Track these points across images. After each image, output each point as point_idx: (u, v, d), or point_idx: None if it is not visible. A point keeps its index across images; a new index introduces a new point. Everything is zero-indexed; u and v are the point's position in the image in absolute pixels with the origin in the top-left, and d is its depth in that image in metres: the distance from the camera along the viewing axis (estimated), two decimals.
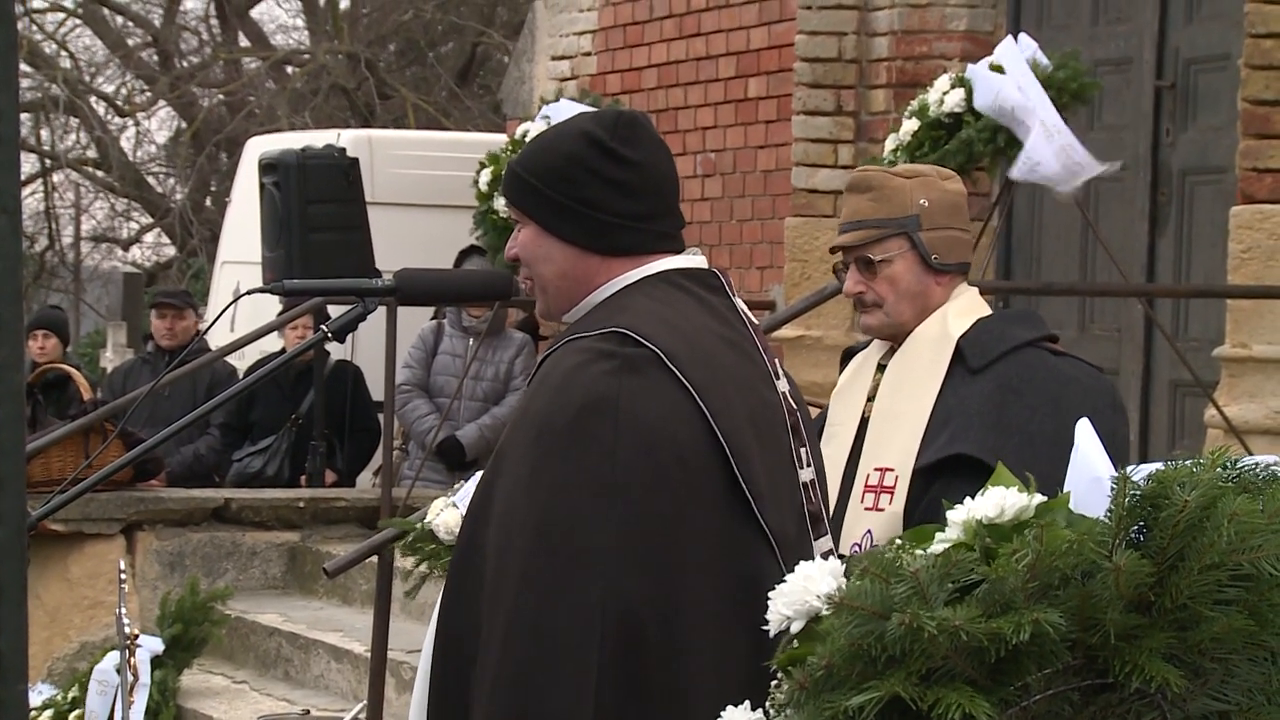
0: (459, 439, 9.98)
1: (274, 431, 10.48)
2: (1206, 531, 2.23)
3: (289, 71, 26.18)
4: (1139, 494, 2.26)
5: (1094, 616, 2.23)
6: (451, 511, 5.24)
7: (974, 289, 4.18)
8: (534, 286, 3.27)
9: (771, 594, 2.39)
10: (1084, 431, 2.48)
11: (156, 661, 7.88)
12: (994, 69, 7.36)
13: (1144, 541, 2.26)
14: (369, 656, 6.82)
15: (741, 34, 10.24)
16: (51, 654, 8.74)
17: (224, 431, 10.60)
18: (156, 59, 26.87)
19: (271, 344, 10.84)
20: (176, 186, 27.02)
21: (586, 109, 7.84)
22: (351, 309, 3.39)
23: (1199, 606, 2.23)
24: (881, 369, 4.13)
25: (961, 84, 7.38)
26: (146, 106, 27.29)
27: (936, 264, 4.06)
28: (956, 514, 2.34)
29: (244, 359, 10.67)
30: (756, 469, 3.09)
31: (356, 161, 9.55)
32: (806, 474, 3.23)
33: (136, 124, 27.51)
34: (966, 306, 4.10)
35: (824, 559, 2.42)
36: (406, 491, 8.89)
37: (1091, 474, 2.40)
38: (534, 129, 9.01)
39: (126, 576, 6.19)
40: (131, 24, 27.30)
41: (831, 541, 3.27)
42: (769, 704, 2.36)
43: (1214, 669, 2.27)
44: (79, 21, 27.07)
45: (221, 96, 26.48)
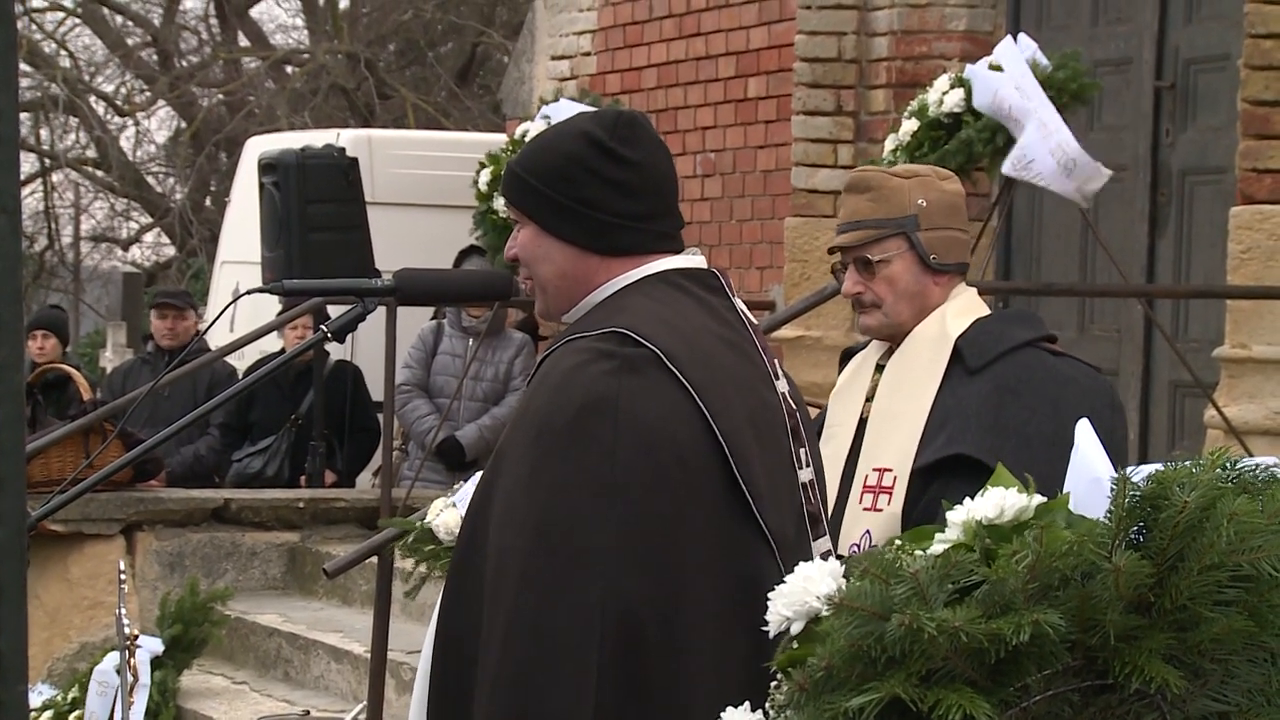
0: (459, 439, 9.98)
1: (274, 432, 10.48)
2: (1206, 532, 2.23)
3: (289, 71, 26.18)
4: (1139, 495, 2.26)
5: (1094, 617, 2.23)
6: (451, 512, 5.24)
7: (972, 289, 4.17)
8: (533, 286, 3.27)
9: (771, 595, 2.39)
10: (1083, 432, 2.48)
11: (156, 662, 7.88)
12: (993, 69, 7.35)
13: (1144, 542, 2.26)
14: (369, 657, 6.81)
15: (741, 34, 10.24)
16: (51, 654, 8.74)
17: (224, 432, 10.60)
18: (156, 59, 26.87)
19: (271, 344, 10.84)
20: (176, 186, 27.02)
21: (586, 109, 7.84)
22: (351, 309, 3.39)
23: (1199, 607, 2.23)
24: (880, 369, 4.13)
25: (961, 84, 7.38)
26: (146, 106, 27.29)
27: (935, 264, 4.06)
28: (956, 515, 2.34)
29: (244, 359, 10.67)
30: (756, 469, 3.09)
31: (356, 161, 9.55)
32: (806, 474, 3.23)
33: (136, 124, 27.52)
34: (965, 307, 4.09)
35: (823, 559, 2.42)
36: (406, 492, 8.89)
37: (1091, 475, 2.40)
38: (534, 129, 9.01)
39: (126, 577, 6.18)
40: (131, 23, 27.30)
41: (830, 542, 3.27)
42: (769, 705, 2.36)
43: (1214, 670, 2.27)
44: (78, 21, 27.07)
45: (221, 96, 26.48)
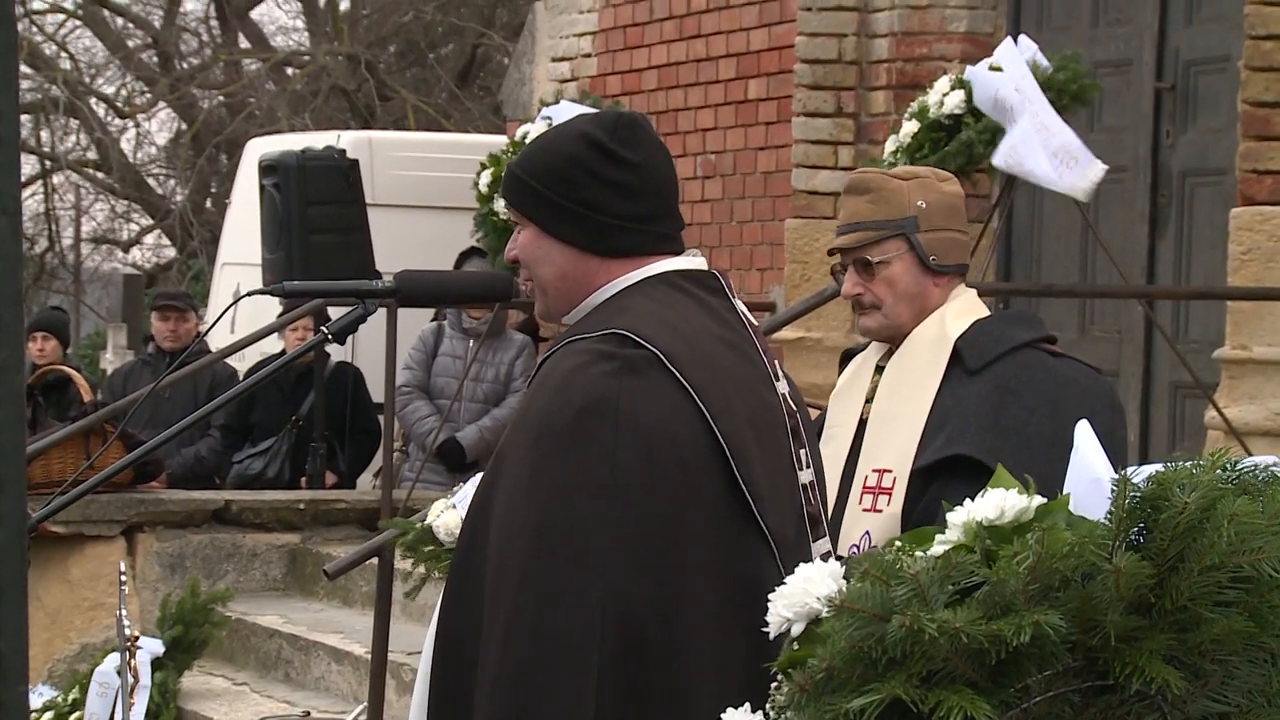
0: (459, 440, 9.98)
1: (274, 433, 10.49)
2: (1206, 533, 2.23)
3: (289, 73, 26.17)
4: (1139, 496, 2.26)
5: (1094, 618, 2.22)
6: (451, 513, 5.24)
7: (972, 290, 4.17)
8: (534, 288, 3.27)
9: (772, 596, 2.39)
10: (1083, 433, 2.47)
11: (157, 663, 7.88)
12: (993, 70, 7.36)
13: (1144, 543, 2.26)
14: (369, 658, 6.81)
15: (742, 35, 10.24)
16: (52, 656, 8.74)
17: (224, 433, 10.60)
18: (156, 60, 26.87)
19: (272, 346, 10.84)
20: (177, 188, 27.02)
21: (586, 110, 7.84)
22: (352, 311, 3.40)
23: (1199, 608, 2.23)
24: (880, 370, 4.13)
25: (961, 85, 7.38)
26: (147, 108, 27.29)
27: (934, 265, 4.06)
28: (956, 516, 2.34)
29: (244, 361, 10.67)
30: (756, 470, 3.09)
31: (356, 163, 9.54)
32: (806, 476, 3.23)
33: (137, 125, 27.52)
34: (964, 308, 4.09)
35: (823, 560, 2.42)
36: (407, 493, 8.88)
37: (1091, 476, 2.40)
38: (534, 130, 9.01)
39: (127, 578, 6.18)
40: (131, 25, 27.31)
41: (830, 543, 3.27)
42: (769, 706, 2.36)
43: (1214, 671, 2.27)
44: (79, 23, 27.07)
45: (221, 98, 26.48)
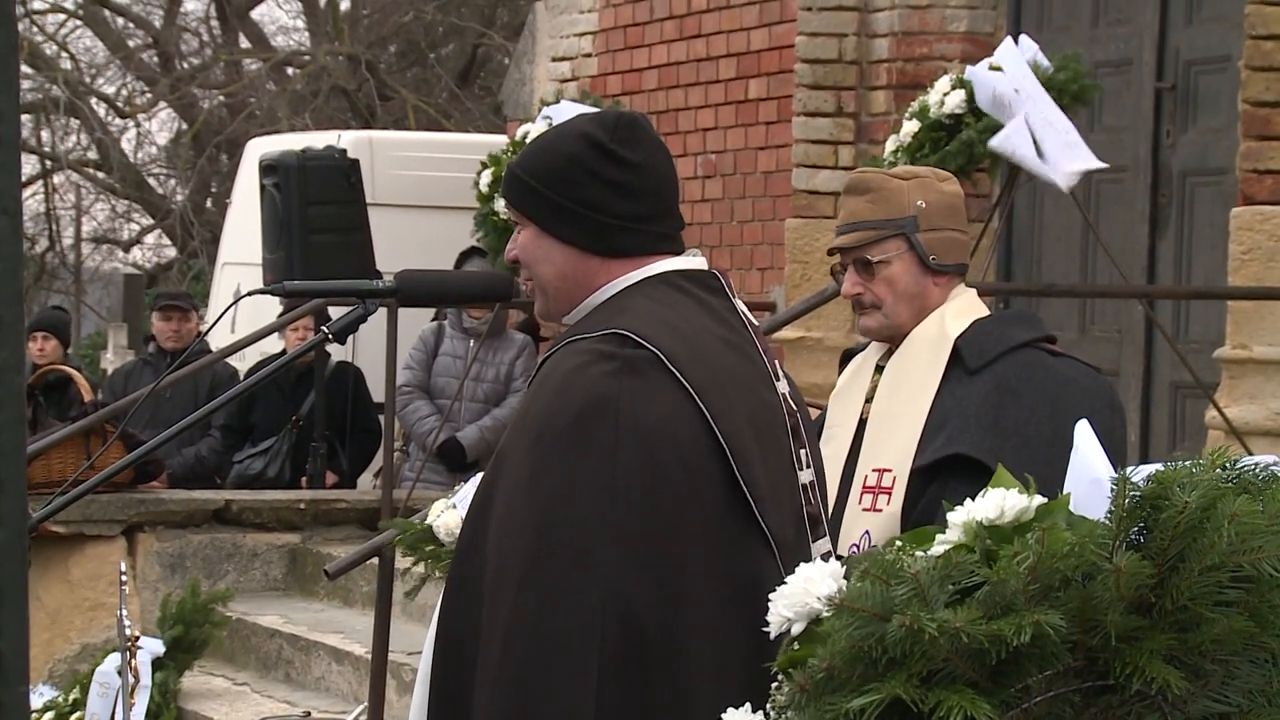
0: (460, 440, 9.98)
1: (275, 433, 10.49)
2: (1207, 533, 2.23)
3: (289, 73, 26.18)
4: (1139, 495, 2.26)
5: (1095, 618, 2.22)
6: (452, 513, 5.24)
7: (971, 290, 4.17)
8: (534, 288, 3.26)
9: (772, 596, 2.38)
10: (1083, 433, 2.47)
11: (157, 663, 7.88)
12: (993, 70, 7.36)
13: (1144, 543, 2.26)
14: (370, 658, 6.81)
15: (742, 35, 10.24)
16: (52, 656, 8.74)
17: (225, 433, 10.60)
18: (157, 60, 26.88)
19: (272, 345, 10.84)
20: (177, 188, 27.03)
21: (587, 110, 7.84)
22: (352, 310, 3.40)
23: (1199, 608, 2.23)
24: (880, 370, 4.13)
25: (962, 85, 7.38)
26: (147, 108, 27.30)
27: (934, 265, 4.06)
28: (957, 515, 2.34)
29: (244, 360, 10.67)
30: (757, 471, 3.09)
31: (357, 163, 9.55)
32: (806, 476, 3.22)
33: (137, 125, 27.54)
34: (964, 307, 4.09)
35: (823, 560, 2.42)
36: (407, 493, 8.88)
37: (1091, 475, 2.39)
38: (534, 130, 9.01)
39: (127, 578, 6.18)
40: (132, 25, 27.32)
41: (830, 543, 3.27)
42: (770, 705, 2.36)
43: (1215, 671, 2.27)
44: (80, 23, 27.08)
45: (222, 98, 26.49)
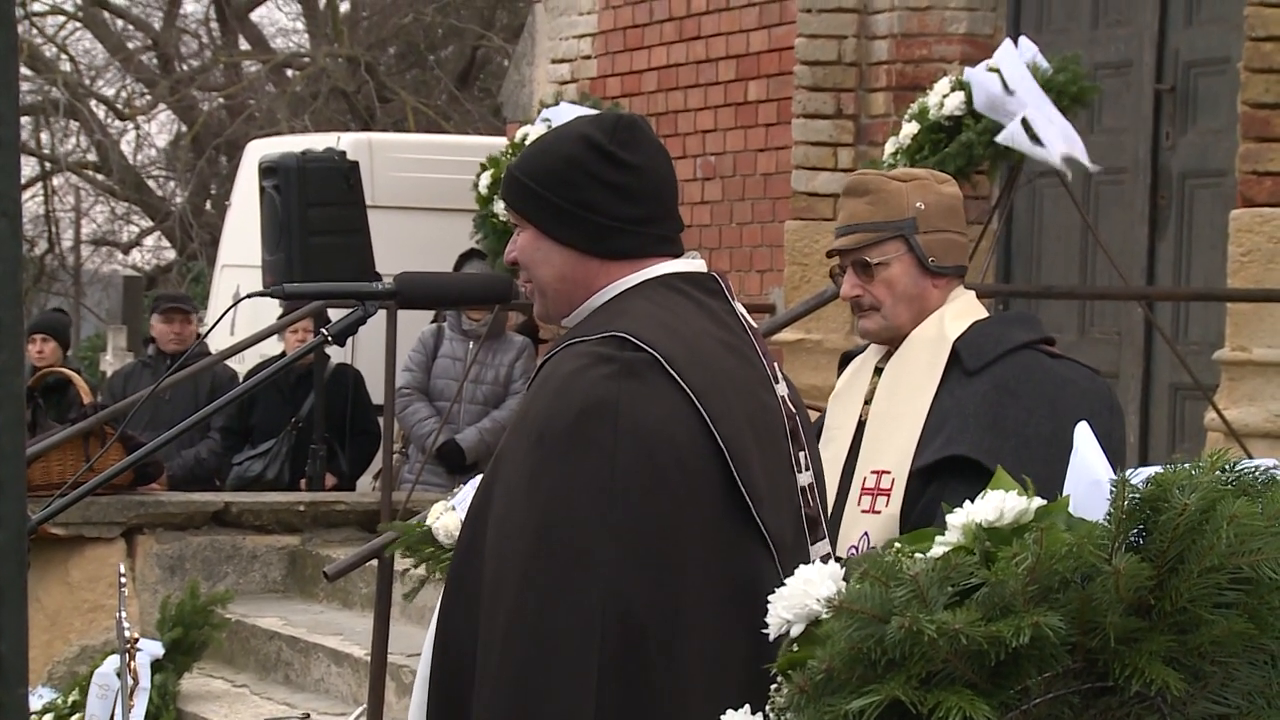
0: (459, 442, 9.98)
1: (274, 435, 10.48)
2: (1206, 534, 2.23)
3: (289, 75, 26.18)
4: (1138, 497, 2.26)
5: (1094, 620, 2.22)
6: (451, 515, 5.24)
7: (970, 292, 4.17)
8: (533, 289, 3.26)
9: (771, 597, 2.38)
10: (1083, 434, 2.47)
11: (157, 665, 7.88)
12: (990, 71, 7.36)
13: (1143, 545, 2.26)
14: (369, 660, 6.81)
15: (741, 37, 10.24)
16: (52, 658, 8.74)
17: (224, 435, 10.60)
18: (156, 62, 26.88)
19: (271, 348, 10.84)
20: (176, 190, 27.03)
21: (586, 112, 7.85)
22: (352, 312, 3.39)
23: (1199, 610, 2.23)
24: (879, 372, 4.13)
25: (961, 87, 7.39)
26: (147, 110, 27.29)
27: (933, 266, 4.06)
28: (956, 517, 2.34)
29: (244, 363, 10.67)
30: (756, 473, 3.09)
31: (356, 165, 9.54)
32: (805, 478, 3.22)
33: (137, 127, 27.53)
34: (963, 309, 4.09)
35: (822, 563, 2.42)
36: (406, 495, 8.88)
37: (1090, 477, 2.39)
38: (534, 132, 9.01)
39: (126, 580, 6.18)
40: (131, 27, 27.32)
41: (829, 545, 3.27)
42: (769, 707, 2.36)
43: (1214, 672, 2.27)
44: (79, 25, 27.07)
45: (221, 100, 26.49)
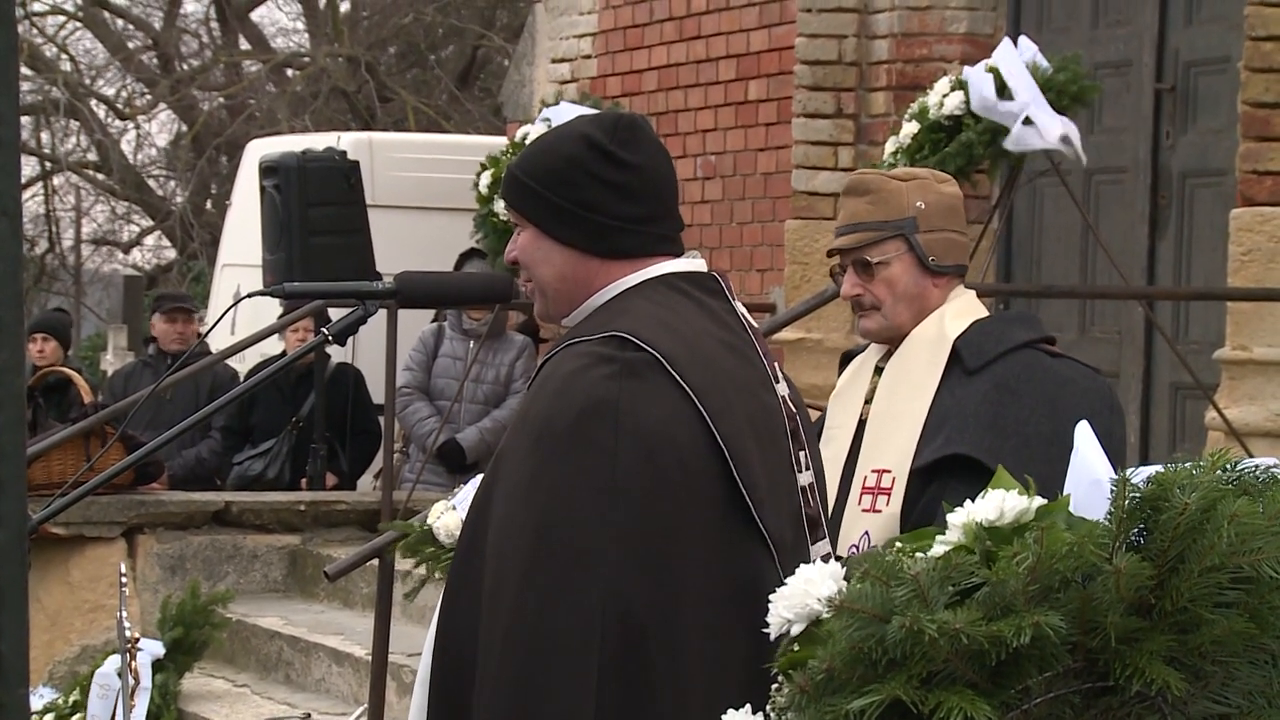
0: (459, 442, 9.98)
1: (275, 434, 10.48)
2: (1207, 534, 2.23)
3: (289, 74, 26.18)
4: (1139, 496, 2.26)
5: (1094, 619, 2.22)
6: (452, 514, 5.24)
7: (971, 291, 4.17)
8: (533, 289, 3.26)
9: (772, 597, 2.38)
10: (1083, 434, 2.47)
11: (157, 665, 7.88)
12: (988, 71, 7.37)
13: (1144, 544, 2.26)
14: (370, 660, 6.81)
15: (741, 37, 10.24)
16: (52, 657, 8.74)
17: (225, 435, 10.60)
18: (157, 62, 26.87)
19: (272, 347, 10.84)
20: (177, 189, 27.03)
21: (587, 111, 7.84)
22: (352, 312, 3.39)
23: (1199, 609, 2.23)
24: (879, 371, 4.13)
25: (961, 87, 7.39)
26: (147, 109, 27.29)
27: (934, 266, 4.06)
28: (956, 517, 2.34)
29: (244, 362, 10.67)
30: (756, 473, 3.09)
31: (357, 164, 9.54)
32: (805, 478, 3.22)
33: (137, 127, 27.54)
34: (963, 308, 4.10)
35: (822, 562, 2.42)
36: (407, 494, 8.89)
37: (1091, 476, 2.39)
38: (534, 132, 9.01)
39: (127, 580, 6.18)
40: (132, 27, 27.32)
41: (829, 545, 3.27)
42: (770, 707, 2.36)
43: (1215, 672, 2.27)
44: (79, 25, 27.07)
45: (222, 100, 26.48)
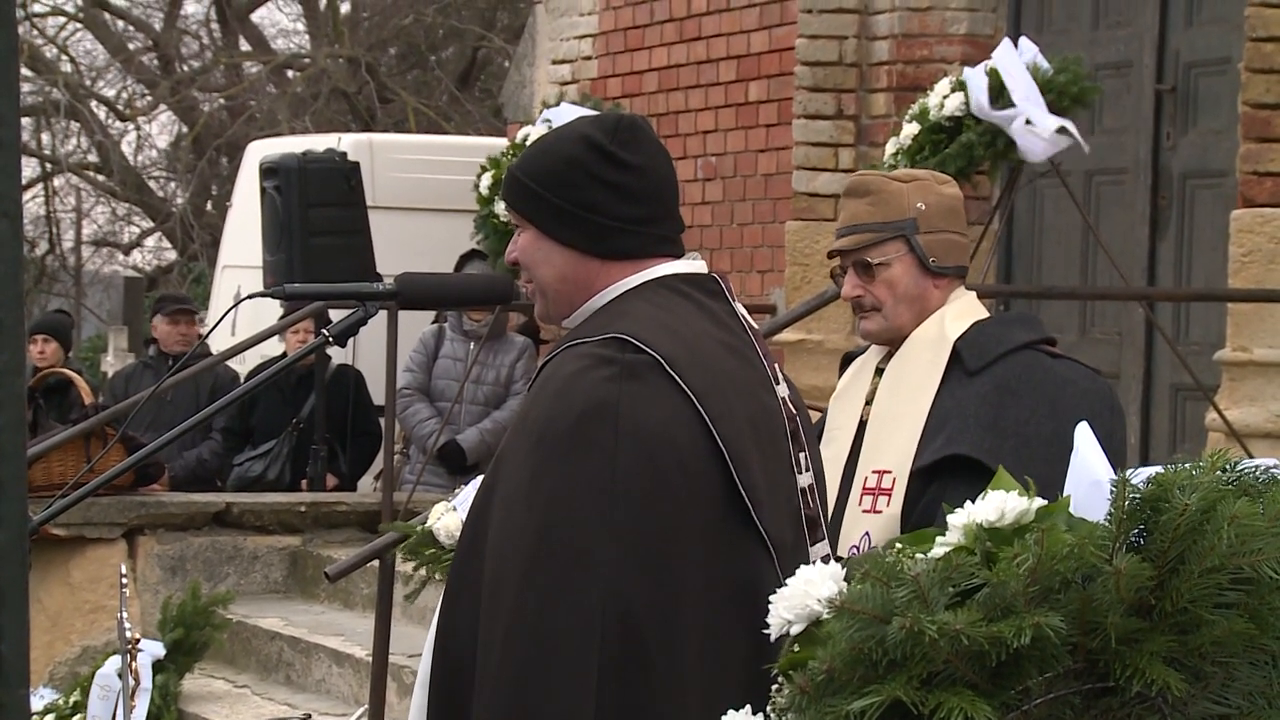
0: (460, 443, 9.98)
1: (275, 436, 10.49)
2: (1207, 535, 2.23)
3: (290, 76, 26.18)
4: (1139, 497, 2.26)
5: (1095, 620, 2.22)
6: (452, 516, 5.23)
7: (971, 292, 4.18)
8: (534, 290, 3.26)
9: (773, 597, 2.38)
10: (1083, 435, 2.47)
11: (158, 666, 7.88)
12: (988, 73, 7.37)
13: (1144, 545, 2.26)
14: (370, 661, 6.81)
15: (742, 38, 10.24)
16: (53, 658, 8.74)
17: (226, 436, 10.60)
18: (157, 63, 26.88)
19: (273, 349, 10.84)
20: (177, 191, 27.03)
21: (587, 113, 7.85)
22: (352, 313, 3.39)
23: (1199, 610, 2.23)
24: (880, 372, 4.13)
25: (961, 88, 7.39)
26: (147, 111, 27.29)
27: (934, 267, 4.06)
28: (957, 517, 2.34)
29: (245, 363, 10.67)
30: (756, 474, 3.09)
31: (357, 165, 9.55)
32: (805, 479, 3.22)
33: (137, 128, 27.53)
34: (964, 309, 4.10)
35: (822, 563, 2.42)
36: (407, 496, 8.89)
37: (1091, 477, 2.39)
38: (535, 133, 9.01)
39: (128, 581, 6.18)
40: (132, 28, 27.32)
41: (829, 546, 3.27)
42: (770, 708, 2.36)
43: (1215, 673, 2.27)
44: (80, 26, 27.07)
45: (222, 101, 26.49)
